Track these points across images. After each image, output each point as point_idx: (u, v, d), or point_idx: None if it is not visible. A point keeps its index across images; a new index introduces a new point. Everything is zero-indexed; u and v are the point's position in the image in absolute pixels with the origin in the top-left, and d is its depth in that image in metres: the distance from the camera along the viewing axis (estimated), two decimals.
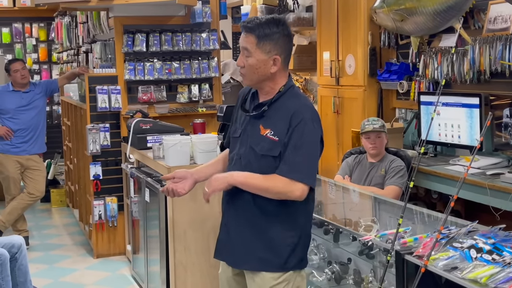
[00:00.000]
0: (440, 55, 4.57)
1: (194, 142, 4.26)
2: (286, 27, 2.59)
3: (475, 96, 4.24)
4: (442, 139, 4.57)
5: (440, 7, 4.29)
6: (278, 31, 2.54)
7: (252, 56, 2.56)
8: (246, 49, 2.57)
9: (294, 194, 2.50)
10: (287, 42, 2.59)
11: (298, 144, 2.49)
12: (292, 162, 2.49)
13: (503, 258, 2.30)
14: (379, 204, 3.85)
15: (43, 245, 6.29)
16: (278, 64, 2.56)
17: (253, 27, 2.55)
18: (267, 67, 2.56)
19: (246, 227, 2.63)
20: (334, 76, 5.57)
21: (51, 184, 8.17)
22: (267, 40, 2.54)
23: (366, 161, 4.47)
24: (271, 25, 2.54)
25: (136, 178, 4.81)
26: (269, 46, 2.54)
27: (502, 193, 3.65)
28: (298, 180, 2.49)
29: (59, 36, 8.95)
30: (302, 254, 2.65)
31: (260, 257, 2.60)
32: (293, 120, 2.51)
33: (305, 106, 2.57)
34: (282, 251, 2.59)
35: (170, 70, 5.82)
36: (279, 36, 2.55)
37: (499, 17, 4.10)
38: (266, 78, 2.59)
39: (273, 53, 2.55)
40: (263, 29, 2.53)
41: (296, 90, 2.66)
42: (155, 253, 4.39)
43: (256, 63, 2.56)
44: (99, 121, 5.58)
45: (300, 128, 2.50)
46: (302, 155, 2.49)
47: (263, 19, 2.57)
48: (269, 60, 2.55)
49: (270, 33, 2.54)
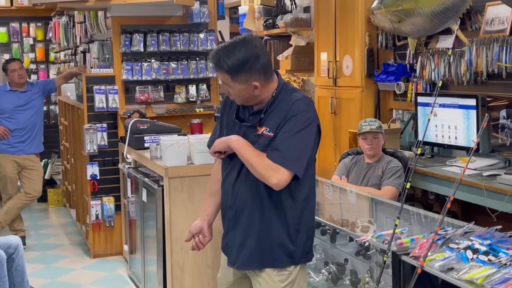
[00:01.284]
0: (437, 56, 4.57)
1: (192, 143, 4.26)
2: (254, 47, 2.49)
3: (472, 98, 4.25)
4: (439, 140, 4.58)
5: (437, 8, 4.30)
6: (248, 58, 2.46)
7: (231, 88, 2.55)
8: (224, 82, 2.57)
9: (272, 180, 2.47)
10: (261, 63, 2.50)
11: (289, 131, 2.49)
12: (279, 147, 2.49)
13: (499, 259, 2.31)
14: (376, 205, 3.86)
15: (40, 245, 6.29)
16: (259, 87, 2.53)
17: (221, 64, 2.49)
18: (250, 92, 2.54)
19: (250, 228, 2.62)
20: (331, 77, 5.58)
21: (48, 184, 8.17)
22: (240, 73, 2.48)
23: (363, 162, 4.47)
24: (240, 54, 2.46)
25: (133, 178, 4.81)
26: (244, 77, 2.50)
27: (499, 194, 3.65)
28: (280, 164, 2.47)
29: (56, 35, 8.94)
30: (306, 246, 2.65)
31: (264, 256, 2.61)
32: (288, 113, 2.52)
33: (299, 99, 2.55)
34: (288, 246, 2.59)
35: (167, 70, 5.82)
36: (250, 64, 2.47)
37: (496, 18, 4.11)
38: (254, 98, 2.58)
39: (251, 80, 2.51)
40: (232, 63, 2.47)
41: (289, 86, 2.64)
42: (152, 253, 4.39)
43: (238, 92, 2.55)
44: (97, 121, 5.57)
45: (293, 118, 2.50)
46: (291, 142, 2.48)
47: (229, 50, 2.47)
48: (249, 87, 2.52)
49: (241, 65, 2.47)
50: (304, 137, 2.51)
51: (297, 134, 2.49)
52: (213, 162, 4.23)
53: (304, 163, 2.52)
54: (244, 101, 2.61)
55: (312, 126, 2.54)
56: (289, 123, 2.50)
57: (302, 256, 2.65)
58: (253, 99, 2.58)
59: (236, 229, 2.68)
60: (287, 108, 2.53)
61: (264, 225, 2.60)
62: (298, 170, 2.50)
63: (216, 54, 2.52)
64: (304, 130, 2.50)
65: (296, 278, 2.64)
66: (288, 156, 2.47)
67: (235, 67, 2.47)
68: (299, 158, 2.50)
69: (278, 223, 2.59)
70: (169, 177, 4.13)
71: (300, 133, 2.49)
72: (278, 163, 2.46)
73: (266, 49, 2.61)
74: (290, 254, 2.60)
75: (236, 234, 2.68)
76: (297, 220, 2.60)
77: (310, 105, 2.57)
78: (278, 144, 2.50)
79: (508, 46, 3.96)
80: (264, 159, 2.49)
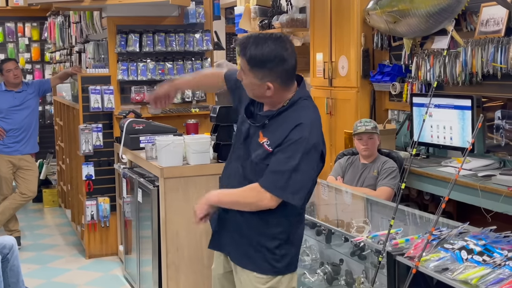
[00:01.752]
0: (433, 57, 4.58)
1: (187, 143, 4.26)
2: (283, 50, 2.40)
3: (467, 98, 4.26)
4: (434, 141, 4.59)
5: (433, 9, 4.30)
6: (271, 58, 2.39)
7: (246, 76, 2.48)
8: (241, 68, 2.50)
9: (263, 203, 2.46)
10: (282, 67, 2.42)
11: (288, 161, 2.41)
12: (272, 172, 2.43)
13: (493, 260, 2.32)
14: (371, 205, 3.86)
15: (35, 245, 6.28)
16: (273, 90, 2.45)
17: (245, 51, 2.42)
18: (261, 90, 2.47)
19: (242, 223, 2.61)
20: (327, 77, 5.58)
21: (43, 184, 8.15)
22: (258, 68, 2.41)
23: (358, 162, 4.48)
24: (266, 50, 2.38)
25: (129, 178, 4.81)
26: (261, 73, 2.42)
27: (494, 195, 3.66)
28: (267, 190, 2.43)
29: (52, 35, 8.92)
30: (291, 259, 2.63)
31: (250, 256, 2.60)
32: (292, 134, 2.43)
33: (302, 125, 2.44)
34: (271, 255, 2.58)
35: (163, 71, 5.81)
36: (272, 65, 2.39)
37: (491, 19, 4.12)
38: (264, 98, 2.51)
39: (266, 80, 2.43)
40: (255, 55, 2.39)
41: (305, 103, 2.52)
42: (148, 254, 4.39)
43: (250, 84, 2.49)
44: (92, 121, 5.57)
45: (295, 144, 2.42)
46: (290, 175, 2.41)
47: (259, 41, 2.39)
48: (263, 85, 2.45)
49: (262, 62, 2.39)
50: (304, 169, 2.43)
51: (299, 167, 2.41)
52: (208, 162, 4.24)
53: (303, 193, 2.47)
54: (254, 96, 2.55)
55: (312, 154, 2.44)
56: (291, 151, 2.41)
57: (284, 267, 2.61)
58: (263, 98, 2.52)
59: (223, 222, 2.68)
60: (289, 129, 2.43)
61: (248, 230, 2.59)
62: (297, 201, 2.46)
63: (245, 39, 2.46)
64: (306, 163, 2.42)
65: (278, 285, 2.61)
66: (289, 187, 2.42)
67: (257, 60, 2.40)
68: (299, 190, 2.44)
69: (262, 232, 2.57)
70: (164, 178, 4.13)
71: (302, 166, 2.41)
72: (276, 193, 2.42)
73: (296, 55, 2.48)
74: (271, 262, 2.58)
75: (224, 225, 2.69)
76: (283, 234, 2.57)
77: (313, 131, 2.45)
78: (280, 174, 2.42)
79: (503, 47, 3.97)
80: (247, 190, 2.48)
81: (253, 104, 2.64)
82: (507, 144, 3.93)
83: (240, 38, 2.52)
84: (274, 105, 2.54)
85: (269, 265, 2.58)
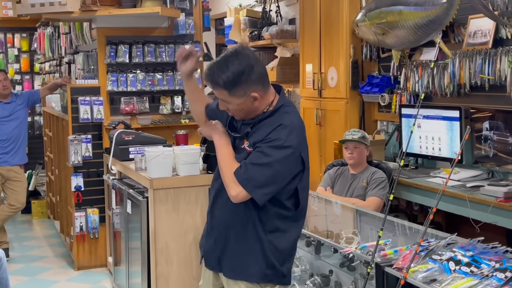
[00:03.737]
0: (421, 68, 4.61)
1: (177, 154, 4.25)
2: (248, 57, 2.44)
3: (456, 109, 4.28)
4: (423, 152, 4.61)
5: (421, 21, 4.34)
6: (242, 70, 2.41)
7: (230, 103, 2.50)
8: (222, 100, 2.52)
9: (230, 192, 2.48)
10: (256, 73, 2.45)
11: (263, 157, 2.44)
12: (249, 169, 2.45)
13: (481, 271, 2.33)
14: (361, 216, 3.87)
15: (24, 257, 6.24)
16: (259, 97, 2.48)
17: (217, 80, 2.44)
18: (249, 104, 2.49)
19: (229, 232, 2.60)
20: (316, 88, 5.60)
21: (32, 195, 8.11)
22: (236, 86, 2.43)
23: (348, 173, 4.49)
24: (233, 67, 2.41)
25: (118, 189, 4.79)
26: (241, 90, 2.44)
27: (482, 205, 3.68)
28: (242, 185, 2.44)
29: (41, 46, 8.91)
30: (283, 268, 2.62)
31: (237, 269, 2.59)
32: (271, 134, 2.46)
33: (283, 126, 2.46)
34: (261, 266, 2.56)
35: (153, 82, 5.82)
36: (245, 76, 2.42)
37: (479, 31, 4.15)
38: (254, 110, 2.53)
39: (249, 92, 2.46)
40: (227, 78, 2.41)
41: (288, 109, 2.54)
42: (137, 265, 4.37)
43: (238, 106, 2.50)
44: (81, 132, 5.56)
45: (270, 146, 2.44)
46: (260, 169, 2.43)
47: (223, 65, 2.42)
48: (248, 99, 2.47)
49: (236, 78, 2.41)
50: (276, 168, 2.44)
51: (270, 164, 2.42)
52: (198, 173, 4.23)
53: (267, 191, 2.46)
54: (245, 115, 2.56)
55: (288, 155, 2.45)
56: (266, 150, 2.44)
57: (278, 278, 2.60)
58: (254, 111, 2.53)
59: (213, 234, 2.67)
60: (270, 130, 2.47)
61: (241, 240, 2.57)
62: (259, 196, 2.45)
63: (210, 71, 2.47)
64: (278, 163, 2.43)
65: None
66: (252, 180, 2.43)
67: (230, 81, 2.42)
68: (263, 186, 2.44)
69: (254, 241, 2.56)
70: (154, 189, 4.12)
71: (273, 164, 2.43)
72: (241, 182, 2.44)
73: (259, 58, 2.57)
74: (264, 273, 2.57)
75: (214, 238, 2.67)
76: (276, 242, 2.56)
77: (294, 134, 2.47)
78: (248, 165, 2.45)
79: (490, 59, 4.00)
80: (232, 168, 2.49)
81: (235, 119, 2.65)
82: (495, 154, 3.96)
83: (206, 72, 2.52)
84: (259, 113, 2.56)
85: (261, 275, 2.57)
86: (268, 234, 2.55)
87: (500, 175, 4.09)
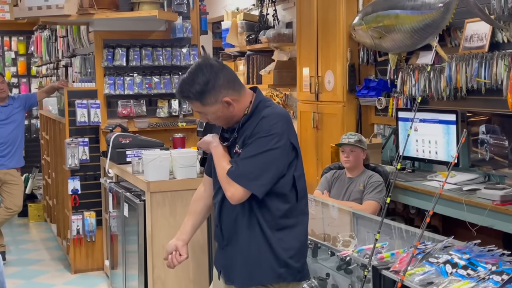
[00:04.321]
0: (418, 72, 4.62)
1: (174, 157, 4.25)
2: (209, 67, 2.51)
3: (452, 113, 4.30)
4: (420, 155, 4.62)
5: (417, 25, 4.35)
6: (207, 79, 2.48)
7: (207, 113, 2.56)
8: (198, 111, 2.59)
9: (226, 193, 2.52)
10: (222, 79, 2.51)
11: (251, 150, 2.48)
12: (238, 164, 2.49)
13: (477, 274, 2.33)
14: (357, 219, 3.88)
15: (20, 260, 6.22)
16: (231, 101, 2.52)
17: (187, 94, 2.51)
18: (225, 110, 2.54)
19: (236, 246, 2.61)
20: (313, 91, 5.62)
21: (29, 198, 8.10)
22: (206, 95, 2.49)
23: (344, 176, 4.50)
24: (198, 79, 2.49)
25: (115, 192, 4.79)
26: (212, 97, 2.50)
27: (478, 209, 3.69)
28: (235, 181, 2.48)
29: (38, 49, 8.91)
30: (297, 264, 2.61)
31: (252, 274, 2.58)
32: (254, 131, 2.50)
33: (266, 117, 2.51)
34: (274, 266, 2.57)
35: (150, 85, 5.82)
36: (212, 83, 2.49)
37: (475, 35, 4.17)
38: (232, 116, 2.58)
39: (220, 98, 2.51)
40: (195, 89, 2.49)
41: (265, 103, 2.59)
42: (134, 269, 4.37)
43: (215, 114, 2.55)
44: (78, 135, 5.55)
45: (257, 138, 2.48)
46: (250, 161, 2.47)
47: (189, 79, 2.50)
48: (222, 105, 2.52)
49: (204, 88, 2.49)
50: (267, 157, 2.47)
51: (259, 155, 2.47)
52: (195, 176, 4.23)
53: (263, 182, 2.48)
54: (225, 122, 2.60)
55: (279, 145, 2.48)
56: (253, 143, 2.49)
57: (292, 275, 2.60)
58: (232, 117, 2.57)
59: (225, 247, 2.68)
60: (254, 126, 2.51)
61: (250, 243, 2.58)
62: (255, 188, 2.47)
63: (180, 88, 2.55)
64: (267, 151, 2.47)
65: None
66: (244, 174, 2.47)
67: (198, 91, 2.49)
68: (257, 177, 2.47)
69: (263, 242, 2.56)
70: (151, 192, 4.12)
71: (263, 154, 2.46)
72: (233, 179, 2.48)
73: (225, 64, 2.60)
74: (278, 273, 2.57)
75: (225, 251, 2.68)
76: (285, 239, 2.57)
77: (278, 122, 2.51)
78: (238, 161, 2.50)
79: (487, 62, 4.02)
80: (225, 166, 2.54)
81: (224, 129, 2.69)
82: (491, 158, 3.97)
83: (176, 93, 2.61)
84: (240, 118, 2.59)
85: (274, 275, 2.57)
86: (276, 232, 2.56)
87: (497, 179, 4.10)
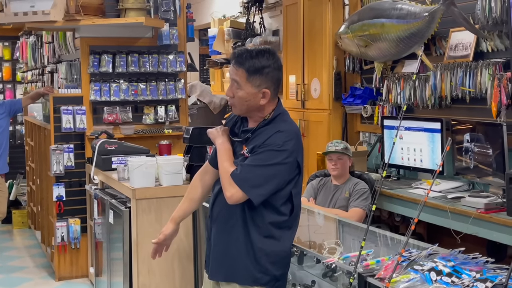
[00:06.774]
0: (403, 80, 4.66)
1: (160, 164, 4.25)
2: (277, 59, 2.60)
3: (437, 121, 4.33)
4: (405, 163, 4.64)
5: (403, 34, 4.39)
6: (268, 64, 2.56)
7: (241, 89, 2.59)
8: (236, 82, 2.60)
9: (225, 192, 2.56)
10: (277, 74, 2.61)
11: (259, 159, 2.53)
12: (244, 169, 2.53)
13: (462, 281, 2.34)
14: (343, 226, 3.88)
15: (4, 267, 6.17)
16: (268, 96, 2.59)
17: (243, 61, 2.56)
18: (257, 99, 2.59)
19: (226, 237, 2.66)
20: (299, 99, 5.63)
21: (13, 205, 8.03)
22: (257, 75, 2.56)
23: (330, 184, 4.51)
24: (262, 59, 2.56)
25: (100, 199, 4.77)
26: (259, 80, 2.56)
27: (463, 217, 3.71)
28: (238, 185, 2.52)
29: (23, 55, 8.87)
30: (277, 272, 2.67)
31: (229, 270, 2.63)
32: (266, 142, 2.55)
33: (280, 132, 2.57)
34: (251, 269, 2.61)
35: (136, 91, 5.81)
36: (269, 70, 2.57)
37: (460, 44, 4.20)
38: (255, 109, 2.62)
39: (263, 86, 2.57)
40: (253, 63, 2.55)
41: (283, 117, 2.67)
42: (119, 276, 4.34)
43: (246, 96, 2.59)
44: (63, 142, 5.52)
45: (268, 150, 2.53)
46: (257, 169, 2.52)
47: (254, 53, 2.57)
48: (259, 93, 2.58)
49: (261, 68, 2.55)
50: (272, 170, 2.53)
51: (267, 166, 2.52)
52: (181, 183, 4.22)
53: (263, 192, 2.53)
54: (246, 110, 2.64)
55: (286, 161, 2.55)
56: (263, 153, 2.54)
57: (270, 282, 2.65)
58: (255, 109, 2.62)
59: (211, 239, 2.74)
60: (268, 136, 2.56)
61: (234, 242, 2.63)
62: (255, 196, 2.53)
63: (240, 51, 2.60)
64: (274, 165, 2.53)
65: None
66: (248, 180, 2.52)
67: (255, 67, 2.55)
68: (258, 186, 2.52)
69: (247, 243, 2.61)
70: (136, 199, 4.11)
71: (270, 166, 2.53)
72: (236, 182, 2.52)
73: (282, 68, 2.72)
74: (255, 277, 2.62)
75: (210, 243, 2.75)
76: (271, 247, 2.62)
77: (292, 140, 2.57)
78: (245, 166, 2.54)
79: (471, 71, 4.05)
80: (230, 171, 2.57)
81: (236, 125, 2.75)
82: (475, 166, 4.00)
83: (235, 51, 2.65)
84: (258, 121, 2.65)
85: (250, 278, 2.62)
86: (262, 239, 2.61)
87: (481, 187, 4.13)
